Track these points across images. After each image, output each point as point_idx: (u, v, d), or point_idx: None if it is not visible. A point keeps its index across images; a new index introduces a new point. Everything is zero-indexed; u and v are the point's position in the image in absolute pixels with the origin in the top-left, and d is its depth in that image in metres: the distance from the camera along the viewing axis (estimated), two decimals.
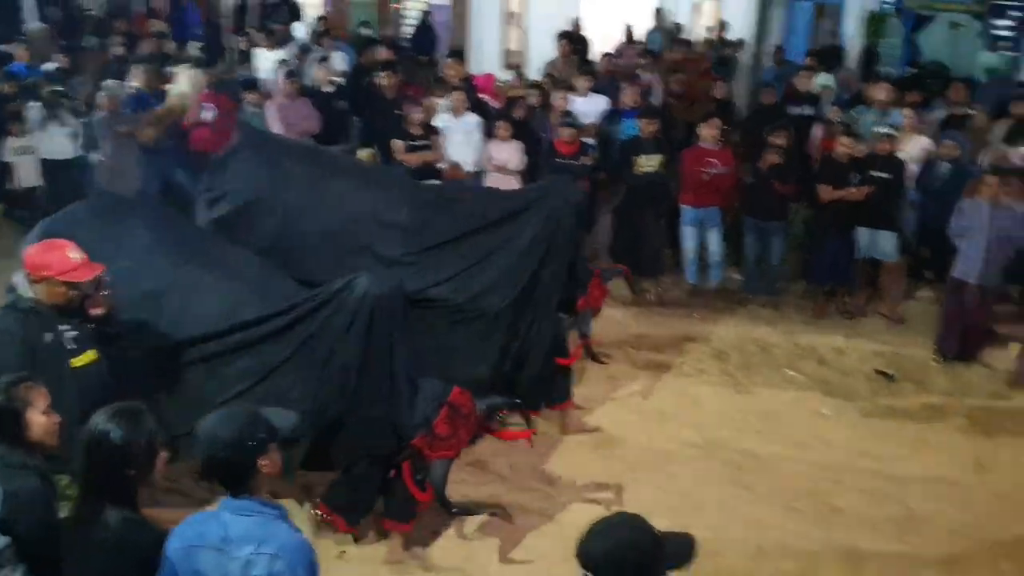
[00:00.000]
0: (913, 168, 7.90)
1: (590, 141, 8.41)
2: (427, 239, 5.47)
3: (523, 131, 8.22)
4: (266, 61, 10.61)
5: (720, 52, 11.37)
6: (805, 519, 5.09)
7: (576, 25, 11.98)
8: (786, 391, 6.66)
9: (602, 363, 6.52)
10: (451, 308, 5.24)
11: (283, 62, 10.20)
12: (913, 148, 7.99)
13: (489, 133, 8.17)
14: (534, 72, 10.85)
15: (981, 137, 8.41)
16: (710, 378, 6.78)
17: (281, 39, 11.57)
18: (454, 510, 4.56)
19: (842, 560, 4.71)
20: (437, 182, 7.64)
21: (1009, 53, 11.46)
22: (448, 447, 4.28)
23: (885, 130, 7.80)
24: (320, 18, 13.24)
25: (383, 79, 8.92)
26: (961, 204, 6.95)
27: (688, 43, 11.39)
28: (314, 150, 6.76)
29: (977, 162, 7.92)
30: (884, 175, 7.52)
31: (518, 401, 4.91)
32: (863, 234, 7.70)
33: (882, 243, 7.69)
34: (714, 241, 7.95)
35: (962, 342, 7.08)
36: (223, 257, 4.94)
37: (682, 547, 2.40)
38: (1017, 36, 11.44)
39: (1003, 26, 11.59)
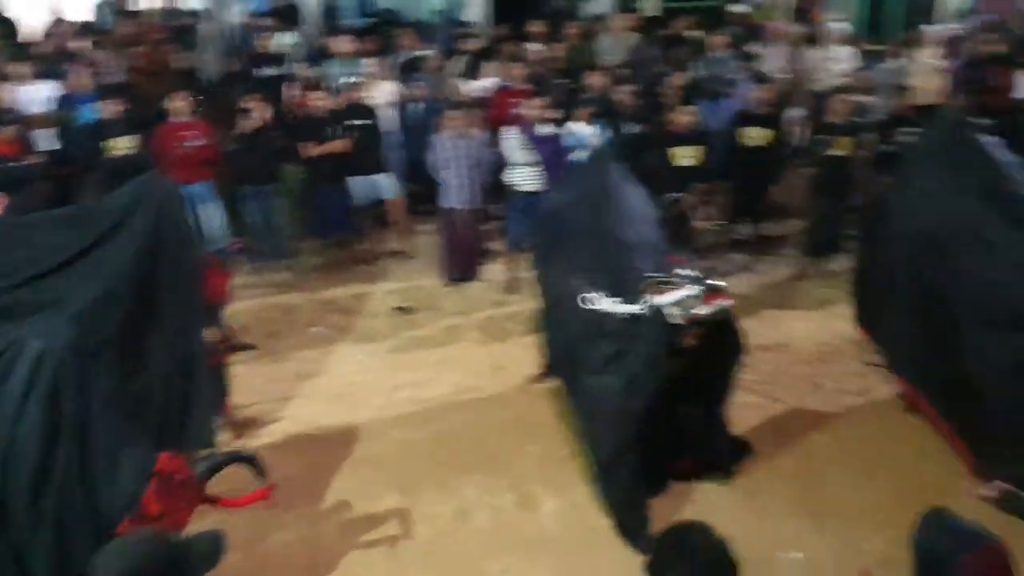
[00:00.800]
0: (389, 112, 8.32)
1: (48, 133, 7.52)
2: (20, 274, 4.37)
3: None
4: None
5: (177, 22, 10.80)
6: (368, 464, 5.19)
7: None
8: (317, 348, 6.70)
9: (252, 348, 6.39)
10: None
11: None
12: (381, 94, 8.41)
13: None
14: None
15: (440, 75, 9.12)
16: (237, 356, 6.53)
17: None
18: None
19: (396, 491, 4.89)
20: None
21: None
22: (166, 526, 3.40)
23: (352, 80, 8.11)
24: None
25: None
26: (432, 140, 7.50)
27: (136, 15, 10.65)
28: None
29: (441, 99, 8.59)
30: (361, 122, 7.82)
31: (249, 456, 4.07)
32: (357, 182, 7.95)
33: (376, 186, 8.03)
34: (211, 216, 7.61)
35: (462, 263, 7.72)
36: None
37: (210, 545, 2.46)
38: None
39: None
